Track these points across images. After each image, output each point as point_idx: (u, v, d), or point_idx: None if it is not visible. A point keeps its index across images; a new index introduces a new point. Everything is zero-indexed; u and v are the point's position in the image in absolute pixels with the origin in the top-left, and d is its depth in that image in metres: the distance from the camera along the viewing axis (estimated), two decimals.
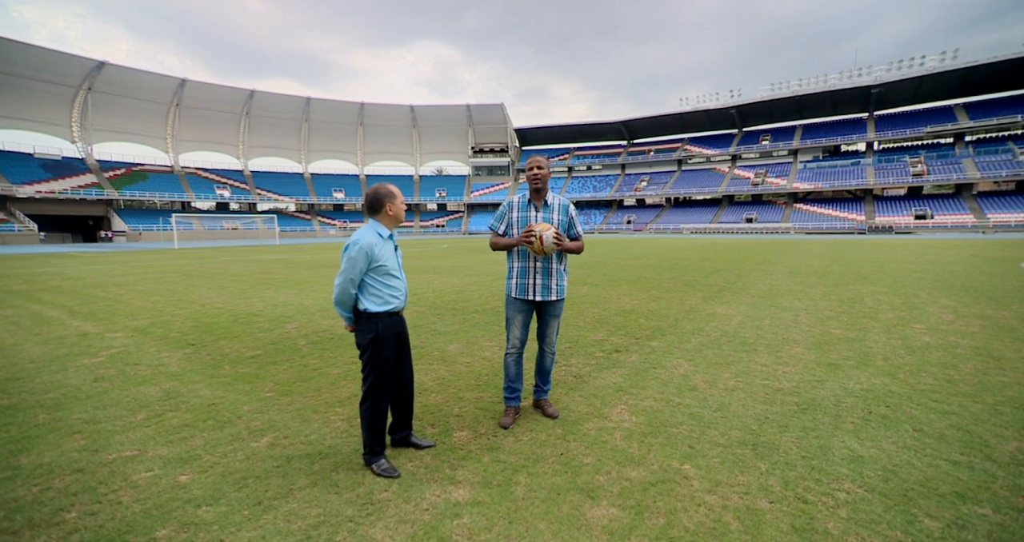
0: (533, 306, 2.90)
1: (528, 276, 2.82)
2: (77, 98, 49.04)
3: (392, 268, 2.31)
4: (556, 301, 2.88)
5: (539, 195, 2.82)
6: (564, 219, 2.84)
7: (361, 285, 2.28)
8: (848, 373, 3.56)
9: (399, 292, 2.36)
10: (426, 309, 6.64)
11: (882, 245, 22.00)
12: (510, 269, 2.92)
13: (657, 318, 5.80)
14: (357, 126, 66.72)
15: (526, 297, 2.83)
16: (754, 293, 7.56)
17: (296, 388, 3.48)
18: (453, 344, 4.76)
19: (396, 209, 2.33)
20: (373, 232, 2.27)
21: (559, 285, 2.86)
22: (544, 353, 3.01)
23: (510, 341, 2.93)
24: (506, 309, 2.95)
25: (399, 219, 2.36)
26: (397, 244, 2.44)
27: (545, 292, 2.82)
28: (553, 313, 2.91)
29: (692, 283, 8.88)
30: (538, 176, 2.77)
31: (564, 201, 2.90)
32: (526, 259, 2.82)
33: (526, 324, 2.92)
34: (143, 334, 5.20)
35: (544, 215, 2.81)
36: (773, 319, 5.55)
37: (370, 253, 2.20)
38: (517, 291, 2.85)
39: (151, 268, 14.01)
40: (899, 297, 6.83)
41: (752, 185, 53.92)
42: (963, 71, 44.33)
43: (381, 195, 2.29)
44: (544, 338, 2.98)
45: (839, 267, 11.53)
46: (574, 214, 2.90)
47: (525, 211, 2.84)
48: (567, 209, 2.87)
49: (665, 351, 4.34)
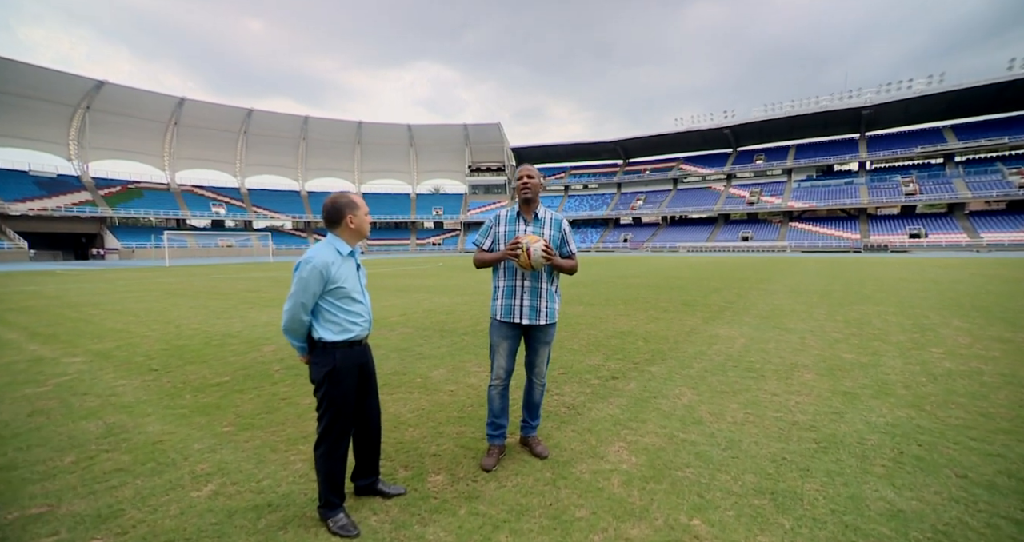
0: (520, 331, 2.59)
1: (515, 296, 2.52)
2: (75, 117, 49.27)
3: (353, 290, 1.99)
4: (546, 326, 2.57)
5: (529, 207, 2.57)
6: (556, 235, 2.57)
7: (315, 310, 1.96)
8: (868, 404, 3.24)
9: (361, 318, 2.04)
10: (413, 331, 6.30)
11: (880, 263, 21.88)
12: (495, 289, 2.63)
13: (656, 340, 5.48)
14: (355, 145, 67.24)
15: (512, 320, 2.52)
16: (756, 313, 7.27)
17: (259, 421, 3.13)
18: (438, 369, 4.42)
19: (359, 221, 2.01)
20: (331, 248, 1.97)
21: (549, 308, 2.56)
22: (533, 385, 2.69)
23: (494, 371, 2.60)
24: (490, 334, 2.63)
25: (362, 233, 2.05)
26: (360, 262, 2.13)
27: (533, 315, 2.52)
28: (543, 339, 2.60)
29: (691, 303, 8.59)
30: (528, 185, 2.51)
31: (557, 216, 2.63)
32: (513, 277, 2.53)
33: (512, 351, 2.59)
34: (104, 358, 4.83)
35: (534, 229, 2.55)
36: (779, 341, 5.24)
37: (325, 273, 1.89)
38: (502, 313, 2.55)
39: (135, 286, 13.62)
40: (908, 318, 6.55)
41: (747, 204, 54.29)
42: (950, 94, 45.31)
43: (341, 205, 1.98)
44: (533, 367, 2.66)
45: (841, 286, 11.28)
46: (568, 230, 2.62)
47: (513, 225, 2.57)
48: (560, 224, 2.60)
49: (666, 378, 4.02)
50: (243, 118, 58.76)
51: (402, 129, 67.57)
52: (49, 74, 44.87)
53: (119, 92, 49.44)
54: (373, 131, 66.69)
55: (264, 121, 60.41)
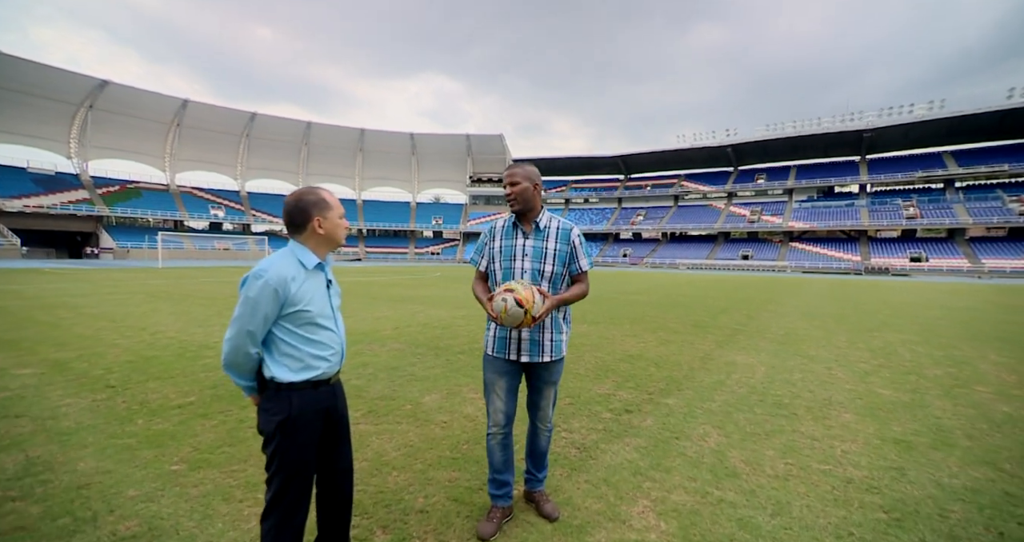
0: (520, 367, 2.13)
1: (509, 330, 2.07)
2: (77, 115, 49.14)
3: (320, 315, 1.53)
4: (551, 363, 2.10)
5: (527, 217, 2.08)
6: (563, 248, 2.06)
7: (268, 340, 1.49)
8: (929, 457, 2.78)
9: (330, 350, 1.58)
10: (406, 347, 5.84)
11: (885, 287, 21.54)
12: (489, 322, 2.17)
13: (669, 366, 5.04)
14: (357, 152, 67.28)
15: (507, 356, 2.06)
16: (771, 338, 6.84)
17: (217, 456, 2.66)
18: (430, 394, 3.96)
19: (330, 225, 1.55)
20: (291, 260, 1.50)
21: (556, 341, 2.09)
22: (537, 430, 2.23)
23: (491, 417, 2.14)
24: (484, 370, 2.16)
25: (334, 240, 1.59)
26: (332, 278, 1.66)
27: (535, 350, 2.04)
28: (547, 379, 2.13)
29: (701, 324, 8.16)
30: (512, 194, 2.02)
31: (566, 224, 2.11)
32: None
33: (512, 392, 2.13)
34: (59, 370, 4.35)
35: (535, 244, 2.04)
36: (804, 372, 4.80)
37: (282, 292, 1.43)
38: (495, 347, 2.09)
39: (120, 288, 13.12)
40: (936, 348, 6.13)
41: (748, 222, 54.24)
42: (950, 120, 45.68)
43: (307, 204, 1.52)
44: (536, 410, 2.20)
45: (852, 310, 10.88)
46: (579, 243, 2.10)
47: (510, 239, 2.09)
48: (568, 235, 2.08)
49: (686, 413, 3.57)
50: (246, 122, 58.78)
51: (404, 137, 67.70)
52: (54, 72, 44.84)
53: (123, 92, 49.42)
54: (375, 138, 66.79)
55: (267, 125, 60.44)
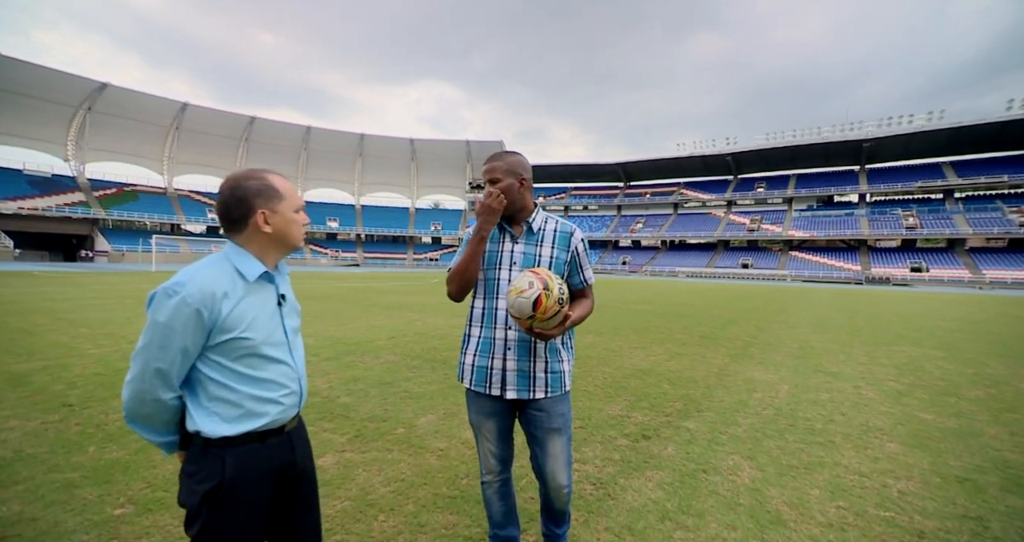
0: (510, 406, 1.68)
1: (492, 353, 1.61)
2: (76, 117, 48.89)
3: (267, 342, 1.11)
4: (547, 401, 1.61)
5: (514, 220, 1.68)
6: (561, 256, 1.64)
7: (192, 380, 1.08)
8: (1006, 503, 2.40)
9: (282, 391, 1.14)
10: (401, 359, 5.46)
11: (890, 297, 21.25)
12: (466, 338, 1.72)
13: (683, 383, 4.67)
14: (356, 156, 67.14)
15: (488, 390, 1.61)
16: (786, 352, 6.48)
17: (173, 495, 2.27)
18: (426, 415, 3.58)
19: (280, 222, 1.13)
20: (224, 269, 1.09)
21: (553, 372, 1.62)
22: (549, 494, 1.71)
23: (483, 462, 1.74)
24: (468, 409, 1.75)
25: (288, 241, 1.16)
26: (287, 291, 1.22)
27: (523, 384, 1.59)
28: (546, 423, 1.63)
29: (710, 336, 7.80)
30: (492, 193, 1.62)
31: (565, 226, 1.69)
32: (492, 320, 1.63)
33: (505, 434, 1.71)
34: (16, 385, 3.95)
35: (526, 249, 1.64)
36: (831, 391, 4.44)
37: (209, 313, 1.02)
38: (473, 379, 1.64)
39: (107, 293, 12.71)
40: (965, 365, 5.77)
41: (748, 231, 54.14)
42: (949, 131, 45.79)
43: (245, 192, 1.10)
44: (541, 472, 1.68)
45: (864, 322, 10.54)
46: (582, 249, 1.69)
47: (497, 243, 1.68)
48: (568, 240, 1.66)
49: (710, 439, 3.20)
50: (245, 125, 58.63)
51: (404, 143, 67.65)
52: (53, 74, 44.65)
53: (122, 95, 49.23)
54: (375, 143, 66.71)
55: (266, 129, 60.30)
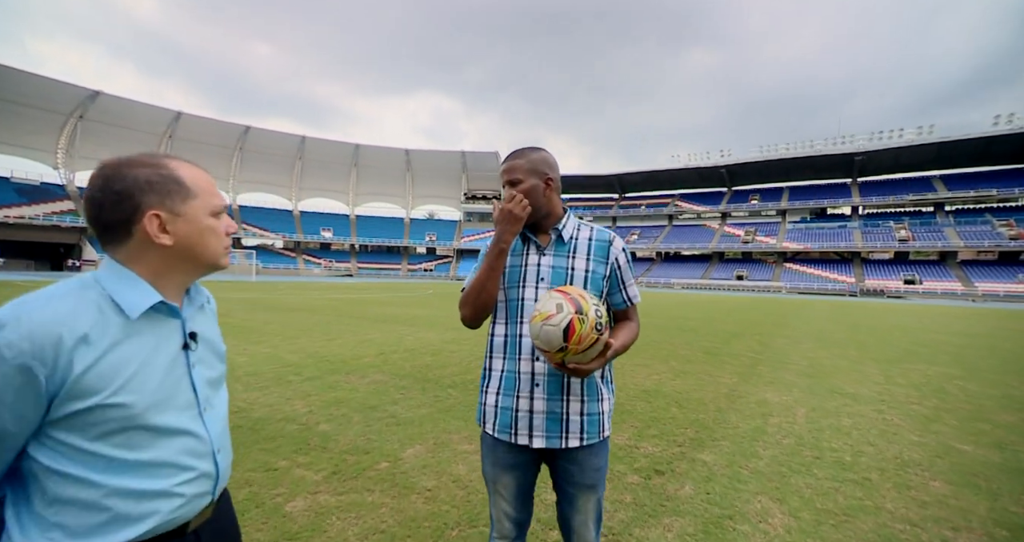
0: (536, 458, 1.38)
1: (518, 391, 1.32)
2: (67, 125, 48.41)
3: (155, 408, 0.75)
4: (583, 450, 1.33)
5: (539, 227, 1.41)
6: (599, 270, 1.36)
7: (19, 476, 0.72)
8: None
9: (183, 475, 0.79)
10: (389, 378, 5.10)
11: (887, 310, 21.12)
12: (486, 372, 1.42)
13: (692, 406, 4.34)
14: (351, 166, 66.97)
15: (512, 438, 1.32)
16: (796, 370, 6.18)
17: None
18: (413, 445, 3.23)
19: (184, 229, 0.80)
20: (90, 297, 0.74)
21: (591, 414, 1.33)
22: None
23: (495, 522, 1.42)
24: (482, 458, 1.44)
25: (202, 258, 0.84)
26: (206, 329, 0.90)
27: (554, 429, 1.30)
28: (579, 479, 1.34)
29: (714, 352, 7.49)
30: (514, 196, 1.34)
31: (602, 234, 1.41)
32: (516, 351, 1.34)
33: (526, 492, 1.40)
34: None
35: (555, 262, 1.36)
36: (852, 416, 4.13)
37: (49, 372, 0.67)
38: (496, 423, 1.35)
39: None
40: (987, 386, 5.49)
41: (742, 243, 54.32)
42: (939, 145, 46.46)
43: (130, 185, 0.77)
44: (568, 527, 1.39)
45: (869, 336, 10.29)
46: (624, 261, 1.40)
47: (520, 255, 1.40)
48: (607, 249, 1.38)
49: (730, 475, 2.86)
50: (240, 135, 58.37)
51: (399, 153, 67.63)
52: (44, 82, 44.23)
53: (115, 103, 48.88)
54: (370, 154, 66.62)
55: (261, 139, 60.06)
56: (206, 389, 0.86)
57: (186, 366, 0.83)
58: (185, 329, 0.84)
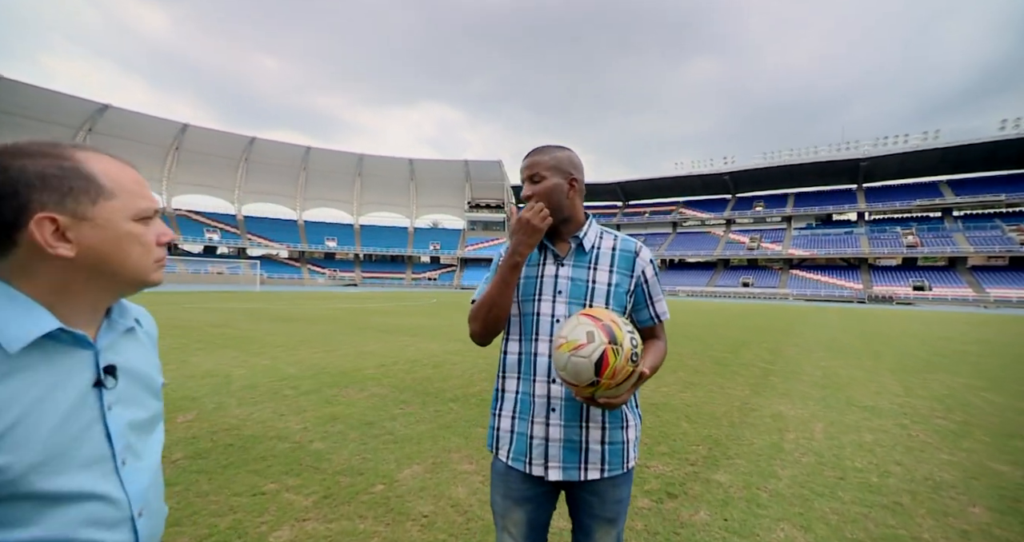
0: (551, 491, 1.24)
1: (533, 414, 1.18)
2: (76, 139, 49.06)
3: (46, 467, 0.58)
4: (604, 482, 1.19)
5: (558, 234, 1.27)
6: (625, 283, 1.22)
7: None
8: None
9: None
10: (388, 391, 4.93)
11: (899, 317, 20.76)
12: (498, 393, 1.28)
13: (704, 421, 4.15)
14: (355, 177, 67.39)
15: (526, 468, 1.18)
16: (810, 381, 5.96)
17: None
18: (411, 466, 3.05)
19: (95, 236, 0.63)
20: None
21: (613, 442, 1.19)
22: None
23: None
24: (491, 488, 1.29)
25: (122, 273, 0.67)
26: (126, 364, 0.71)
27: (572, 458, 1.16)
28: (599, 512, 1.20)
29: (723, 361, 7.28)
30: (533, 197, 1.21)
31: (628, 244, 1.27)
32: (531, 370, 1.20)
33: (539, 531, 1.25)
34: None
35: (574, 273, 1.22)
36: (874, 432, 3.91)
37: None
38: (512, 450, 1.21)
39: None
40: (1017, 398, 5.22)
41: (747, 249, 53.97)
42: (945, 150, 46.15)
43: (18, 179, 0.58)
44: None
45: (883, 345, 10.02)
46: (651, 274, 1.26)
47: (536, 265, 1.26)
48: (632, 260, 1.24)
49: (748, 498, 2.67)
50: (245, 146, 58.97)
51: (403, 163, 68.04)
52: (54, 96, 45.05)
53: (123, 116, 49.62)
54: (374, 164, 67.06)
55: (266, 150, 60.64)
56: (128, 436, 0.69)
57: (99, 409, 0.66)
58: (99, 362, 0.68)
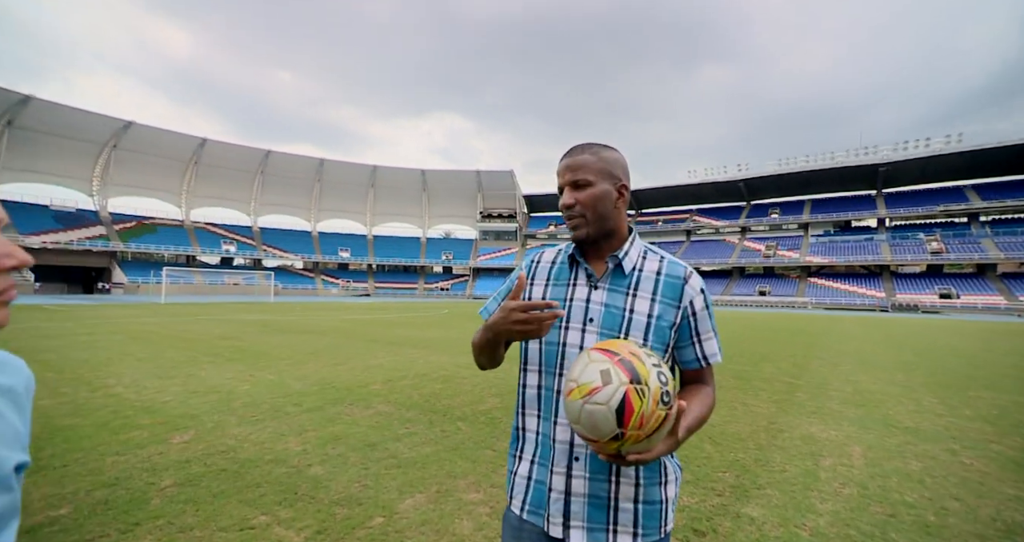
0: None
1: (553, 461, 0.99)
2: (102, 154, 50.69)
3: None
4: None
5: (596, 250, 1.07)
6: (668, 315, 1.00)
7: None
8: None
9: None
10: (394, 409, 4.73)
11: (927, 326, 19.93)
12: (516, 433, 1.09)
13: (728, 443, 3.85)
14: (368, 188, 68.20)
15: (545, 526, 0.98)
16: (841, 398, 5.59)
17: None
18: (413, 495, 2.83)
19: None
20: None
21: (650, 501, 0.96)
22: None
23: None
24: (503, 537, 1.08)
25: None
26: None
27: (598, 517, 0.95)
28: None
29: (744, 376, 6.92)
30: (575, 205, 1.00)
31: (676, 268, 1.05)
32: (551, 410, 1.00)
33: None
34: None
35: (609, 299, 1.01)
36: (920, 457, 3.57)
37: None
38: (528, 500, 1.01)
39: (103, 327, 12.26)
40: None
41: (763, 257, 52.91)
42: (970, 154, 44.81)
43: None
44: None
45: (914, 357, 9.51)
46: (701, 306, 1.02)
47: (564, 282, 1.07)
48: (680, 289, 1.01)
49: (786, 538, 2.39)
50: (261, 159, 60.20)
51: (416, 174, 68.69)
52: (83, 115, 46.60)
53: (145, 132, 51.10)
54: (387, 175, 67.82)
55: (281, 162, 61.81)
56: None
57: None
58: None
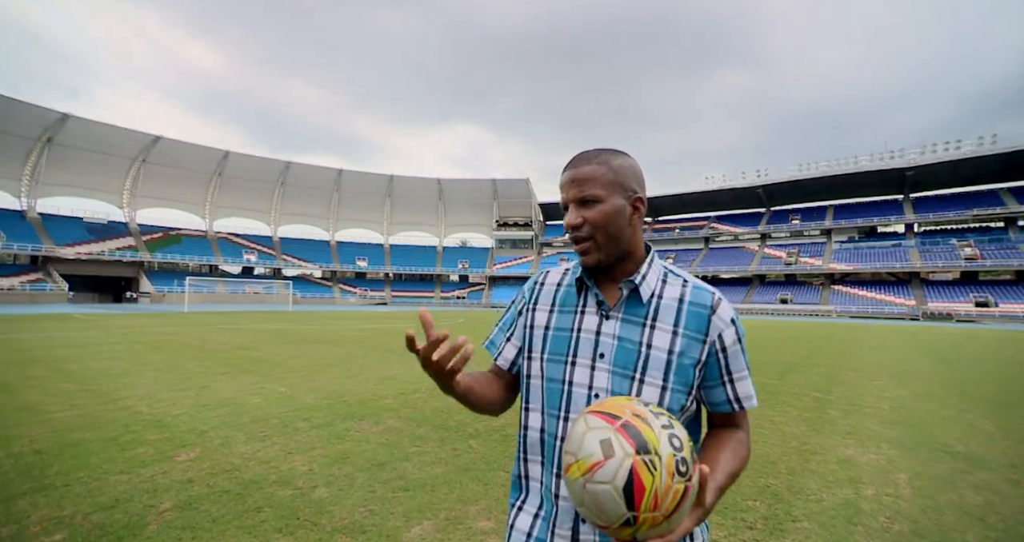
0: None
1: (556, 520, 0.82)
2: (132, 168, 52.60)
3: None
4: None
5: (607, 273, 0.88)
6: (692, 352, 0.81)
7: None
8: None
9: None
10: (404, 424, 4.59)
11: (966, 337, 18.98)
12: (516, 481, 0.93)
13: (757, 467, 3.58)
14: (385, 197, 69.07)
15: None
16: (878, 417, 5.24)
17: None
18: (420, 521, 2.67)
19: None
20: None
21: None
22: None
23: None
24: None
25: None
26: None
27: None
28: None
29: (770, 390, 6.58)
30: (582, 224, 0.83)
31: (702, 295, 0.85)
32: (554, 459, 0.84)
33: None
34: None
35: (623, 331, 0.83)
36: (979, 489, 3.25)
37: None
38: None
39: (127, 336, 12.49)
40: None
41: (785, 265, 51.60)
42: (1006, 156, 43.04)
43: None
44: None
45: (954, 371, 8.97)
46: (730, 341, 0.83)
47: (572, 308, 0.89)
48: (705, 320, 0.82)
49: None
50: (281, 170, 61.60)
51: (432, 183, 69.34)
52: (115, 130, 48.53)
53: (173, 146, 52.88)
54: (404, 184, 68.63)
55: (301, 173, 63.12)
56: None
57: None
58: None
